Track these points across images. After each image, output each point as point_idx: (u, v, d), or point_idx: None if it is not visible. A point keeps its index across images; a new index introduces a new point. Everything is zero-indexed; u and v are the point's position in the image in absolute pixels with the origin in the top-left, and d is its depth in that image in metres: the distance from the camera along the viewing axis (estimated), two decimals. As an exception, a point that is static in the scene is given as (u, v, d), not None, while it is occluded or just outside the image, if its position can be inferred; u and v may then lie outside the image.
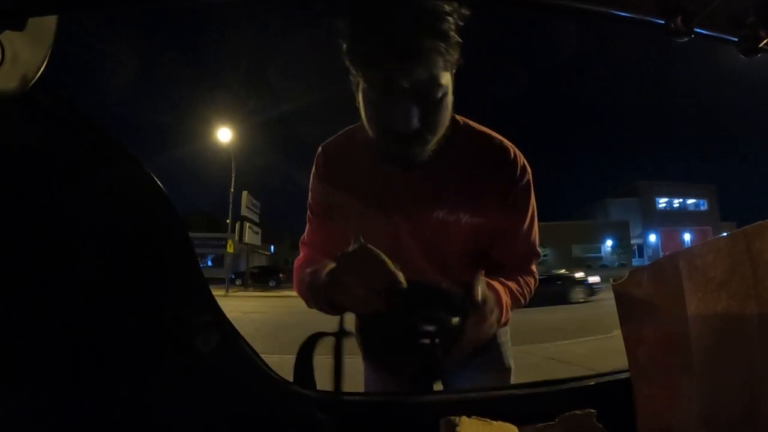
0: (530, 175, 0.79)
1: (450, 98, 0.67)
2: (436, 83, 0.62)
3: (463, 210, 0.76)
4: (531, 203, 0.81)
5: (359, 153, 0.78)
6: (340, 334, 0.58)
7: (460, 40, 0.62)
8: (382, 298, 0.56)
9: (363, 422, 0.55)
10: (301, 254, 0.89)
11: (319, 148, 0.84)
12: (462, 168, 0.75)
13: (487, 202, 0.76)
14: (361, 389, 0.67)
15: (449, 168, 0.74)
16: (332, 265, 0.63)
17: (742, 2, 0.38)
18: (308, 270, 0.75)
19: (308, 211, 0.87)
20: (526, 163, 0.79)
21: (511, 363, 0.91)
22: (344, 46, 0.63)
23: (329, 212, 0.85)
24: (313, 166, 0.84)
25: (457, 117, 0.77)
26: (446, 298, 0.59)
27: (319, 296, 0.68)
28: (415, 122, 0.62)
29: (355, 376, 0.60)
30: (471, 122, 0.79)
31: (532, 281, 0.82)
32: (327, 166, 0.82)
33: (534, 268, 0.85)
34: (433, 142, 0.68)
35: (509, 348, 0.92)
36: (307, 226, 0.88)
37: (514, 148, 0.79)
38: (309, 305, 0.76)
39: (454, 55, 0.63)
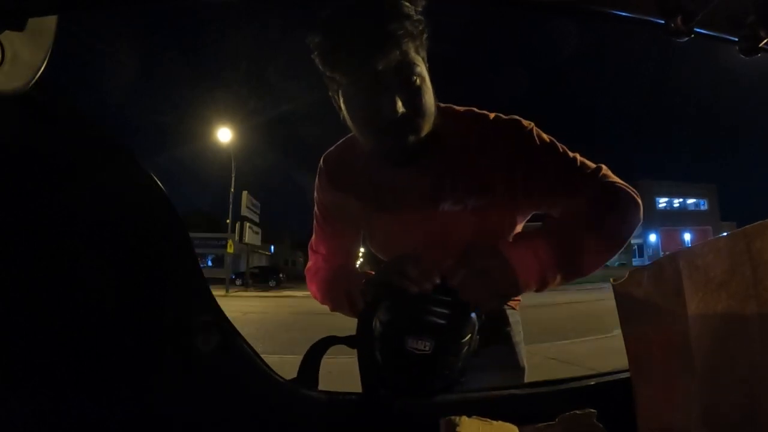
0: (525, 124, 0.74)
1: (429, 83, 0.68)
2: (410, 65, 0.64)
3: (473, 189, 0.74)
4: (548, 145, 0.72)
5: (360, 160, 0.78)
6: (354, 338, 0.59)
7: (423, 20, 0.65)
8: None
9: (363, 422, 0.55)
10: (312, 261, 0.91)
11: (321, 160, 0.85)
12: (458, 148, 0.74)
13: (495, 171, 0.73)
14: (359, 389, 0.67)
15: (448, 153, 0.74)
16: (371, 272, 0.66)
17: (742, 2, 0.38)
18: (339, 276, 0.80)
19: (314, 221, 0.89)
20: (516, 118, 0.75)
21: (525, 363, 0.91)
22: (319, 59, 0.66)
23: (336, 221, 0.86)
24: (317, 177, 0.86)
25: (440, 104, 0.76)
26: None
27: (347, 302, 0.73)
28: (401, 106, 0.63)
29: (356, 376, 0.60)
30: (452, 105, 0.79)
31: (617, 191, 0.67)
32: (329, 176, 0.83)
33: (605, 178, 0.69)
34: (425, 128, 0.68)
35: (523, 348, 0.92)
36: (315, 234, 0.90)
37: (497, 113, 0.76)
38: (333, 309, 0.82)
39: (422, 35, 0.65)
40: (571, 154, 0.72)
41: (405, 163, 0.72)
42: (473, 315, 0.58)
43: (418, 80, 0.65)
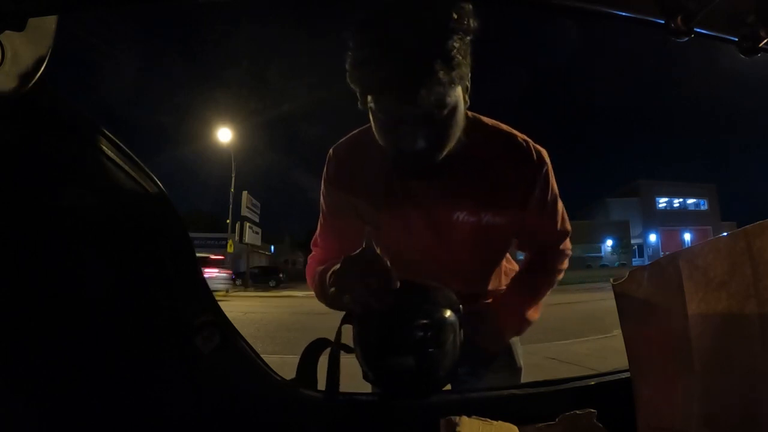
0: (547, 160, 0.78)
1: (461, 110, 0.66)
2: (445, 103, 0.61)
3: (482, 206, 0.75)
4: (551, 188, 0.80)
5: (371, 155, 0.76)
6: (345, 342, 0.59)
7: (468, 58, 0.60)
8: (384, 300, 0.55)
9: (363, 422, 0.55)
10: (314, 253, 0.90)
11: (330, 151, 0.83)
12: (477, 164, 0.74)
13: (507, 196, 0.76)
14: (361, 389, 0.67)
15: (464, 166, 0.73)
16: (338, 266, 0.62)
17: (742, 2, 0.38)
18: (319, 268, 0.77)
19: (320, 214, 0.87)
20: (541, 150, 0.78)
21: (521, 363, 0.91)
22: (350, 68, 0.61)
23: (341, 215, 0.84)
24: (324, 169, 0.83)
25: (468, 113, 0.75)
26: (457, 300, 0.59)
27: (326, 294, 0.70)
28: (424, 143, 0.62)
29: (356, 375, 0.60)
30: (481, 117, 0.77)
31: (563, 259, 0.87)
32: (338, 169, 0.81)
33: (565, 245, 0.88)
34: (444, 152, 0.67)
35: (519, 347, 0.92)
36: (319, 227, 0.89)
37: (526, 137, 0.77)
38: (320, 301, 0.79)
39: (465, 71, 0.61)
40: (560, 205, 0.83)
41: (419, 175, 0.72)
42: (453, 313, 0.58)
43: (447, 113, 0.62)
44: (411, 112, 0.59)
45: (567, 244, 0.89)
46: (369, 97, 0.62)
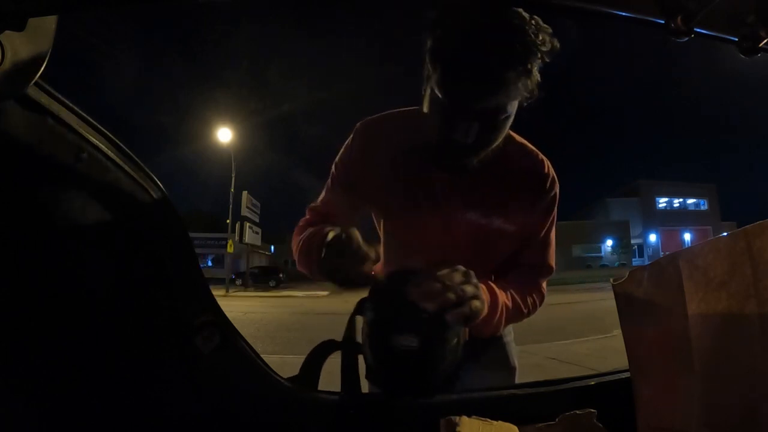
0: (558, 191, 0.81)
1: (511, 119, 0.69)
2: (506, 110, 0.64)
3: (489, 217, 0.78)
4: (554, 219, 0.82)
5: (399, 139, 0.78)
6: (351, 342, 0.59)
7: (539, 78, 0.64)
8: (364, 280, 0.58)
9: (363, 422, 0.55)
10: (307, 216, 0.89)
11: (358, 124, 0.84)
12: (497, 176, 0.77)
13: (514, 213, 0.78)
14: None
15: (488, 170, 0.75)
16: (330, 231, 0.64)
17: (742, 2, 0.38)
18: (310, 229, 0.78)
19: (329, 180, 0.87)
20: (556, 178, 0.81)
21: (516, 362, 0.91)
22: (434, 48, 0.63)
23: (351, 188, 0.84)
24: (350, 139, 0.84)
25: None
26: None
27: (308, 264, 0.73)
28: (474, 138, 0.64)
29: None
30: (511, 132, 0.79)
31: (540, 296, 0.83)
32: (364, 143, 0.82)
33: (544, 285, 0.85)
34: (486, 154, 0.70)
35: (513, 347, 0.92)
36: (323, 194, 0.88)
37: (547, 161, 0.81)
38: (299, 268, 0.80)
39: (532, 87, 0.64)
40: (552, 239, 0.85)
41: (448, 169, 0.74)
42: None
43: (503, 119, 0.66)
44: (480, 107, 0.62)
45: (544, 286, 0.85)
46: (437, 81, 0.63)
